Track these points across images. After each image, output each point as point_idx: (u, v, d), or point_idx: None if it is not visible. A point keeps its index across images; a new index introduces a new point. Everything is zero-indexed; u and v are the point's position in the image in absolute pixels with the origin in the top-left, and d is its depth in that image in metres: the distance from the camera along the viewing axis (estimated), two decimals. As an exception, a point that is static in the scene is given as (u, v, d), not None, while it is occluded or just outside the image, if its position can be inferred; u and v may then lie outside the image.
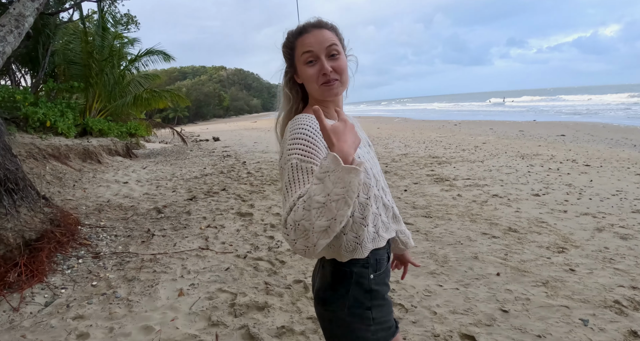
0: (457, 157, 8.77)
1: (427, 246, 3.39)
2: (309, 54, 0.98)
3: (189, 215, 4.64)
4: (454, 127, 18.87)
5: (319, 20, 1.02)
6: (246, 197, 5.47)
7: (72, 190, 6.23)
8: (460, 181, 6.14)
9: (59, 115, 10.01)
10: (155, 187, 6.54)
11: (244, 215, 4.52)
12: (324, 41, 0.98)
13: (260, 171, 7.80)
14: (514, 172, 6.76)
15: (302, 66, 1.00)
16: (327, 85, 0.98)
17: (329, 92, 0.99)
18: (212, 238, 3.77)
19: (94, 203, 5.45)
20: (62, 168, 7.75)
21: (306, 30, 1.00)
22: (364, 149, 1.06)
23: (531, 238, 3.58)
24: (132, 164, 9.62)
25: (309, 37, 0.98)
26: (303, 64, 1.00)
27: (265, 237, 3.75)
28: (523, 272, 2.86)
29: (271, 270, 2.96)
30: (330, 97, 1.01)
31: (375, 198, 0.99)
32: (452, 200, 4.95)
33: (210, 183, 6.69)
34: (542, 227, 3.89)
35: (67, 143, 8.89)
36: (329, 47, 0.98)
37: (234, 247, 3.52)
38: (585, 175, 6.35)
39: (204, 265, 3.13)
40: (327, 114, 1.04)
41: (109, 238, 3.97)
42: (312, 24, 1.01)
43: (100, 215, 4.84)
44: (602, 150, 9.50)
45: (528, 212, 4.38)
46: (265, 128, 26.10)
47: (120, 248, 3.70)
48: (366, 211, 0.88)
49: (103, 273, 3.11)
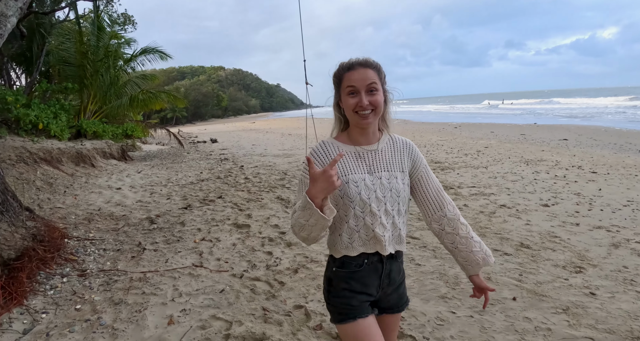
0: (460, 162, 8.58)
1: (435, 264, 3.19)
2: (352, 88, 1.21)
3: (182, 226, 4.42)
4: (455, 129, 18.70)
5: (365, 59, 1.23)
6: (243, 205, 5.25)
7: (63, 197, 6.00)
8: (465, 189, 5.94)
9: (52, 117, 9.76)
10: (150, 193, 6.31)
11: (241, 227, 4.30)
12: (367, 79, 1.19)
13: (258, 176, 7.58)
14: (519, 180, 6.57)
15: (345, 96, 1.23)
16: (360, 115, 1.22)
17: (362, 120, 1.23)
18: (207, 254, 3.55)
19: (84, 211, 5.22)
20: (53, 173, 7.51)
21: (353, 67, 1.22)
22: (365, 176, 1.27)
23: (545, 255, 3.38)
24: (127, 168, 9.38)
25: (354, 74, 1.20)
26: (346, 95, 1.22)
27: (263, 252, 3.54)
28: (541, 296, 2.66)
29: (269, 293, 2.74)
30: (362, 125, 1.25)
31: (356, 218, 1.24)
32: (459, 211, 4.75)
33: (206, 189, 6.47)
34: (555, 242, 3.69)
35: (60, 147, 8.65)
36: (369, 84, 1.20)
37: (230, 264, 3.31)
38: (593, 184, 6.16)
39: (197, 286, 2.91)
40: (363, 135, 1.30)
41: (97, 253, 3.75)
42: (359, 62, 1.22)
43: (90, 226, 4.61)
44: (607, 155, 9.33)
45: (539, 225, 4.18)
46: (264, 130, 25.88)
47: (109, 264, 3.48)
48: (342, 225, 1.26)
49: (88, 295, 2.89)
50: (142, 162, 11.11)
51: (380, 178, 1.26)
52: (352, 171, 1.25)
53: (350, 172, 1.25)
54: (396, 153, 1.32)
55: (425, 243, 3.67)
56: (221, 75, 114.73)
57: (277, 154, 11.50)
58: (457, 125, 21.04)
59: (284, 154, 11.40)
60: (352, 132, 1.30)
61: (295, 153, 11.42)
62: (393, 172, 1.28)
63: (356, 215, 1.23)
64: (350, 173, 1.25)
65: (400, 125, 23.80)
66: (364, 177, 1.25)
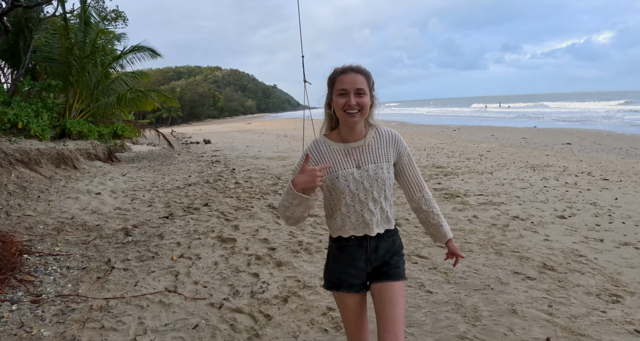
0: (463, 167, 8.16)
1: (449, 291, 2.73)
2: (343, 90, 1.37)
3: (160, 239, 3.94)
4: (454, 132, 18.32)
5: (357, 66, 1.40)
6: (230, 215, 4.78)
7: (35, 203, 5.49)
8: (472, 197, 5.50)
9: (33, 116, 9.23)
10: (130, 199, 5.82)
11: (226, 241, 3.82)
12: (356, 83, 1.36)
13: (249, 181, 7.11)
14: (529, 187, 6.14)
15: (336, 97, 1.38)
16: (348, 113, 1.37)
17: (349, 119, 1.37)
18: (183, 275, 3.08)
19: (55, 220, 4.73)
20: (30, 175, 6.99)
21: (346, 71, 1.39)
22: (353, 170, 1.42)
23: (574, 279, 2.94)
24: (112, 170, 8.87)
25: (346, 78, 1.37)
26: (337, 95, 1.38)
27: (248, 274, 3.07)
28: (579, 336, 2.21)
29: (252, 331, 2.27)
30: (349, 123, 1.39)
31: (347, 206, 1.42)
32: (469, 223, 4.31)
33: (192, 195, 5.99)
34: (581, 262, 3.26)
35: (40, 147, 8.12)
36: (358, 88, 1.36)
37: (209, 289, 2.83)
38: (607, 192, 5.75)
39: (167, 319, 2.43)
40: (350, 133, 1.43)
41: (59, 272, 3.26)
42: (352, 68, 1.39)
43: (58, 237, 4.12)
44: (614, 161, 8.95)
45: (560, 241, 3.74)
46: (259, 131, 25.38)
47: (70, 287, 3.00)
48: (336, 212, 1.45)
49: (37, 328, 2.41)
50: (129, 163, 10.59)
51: (367, 171, 1.41)
52: (342, 167, 1.41)
53: (340, 167, 1.41)
54: (382, 146, 1.45)
55: (435, 263, 3.21)
56: (218, 75, 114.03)
57: (271, 156, 11.03)
58: (456, 128, 20.67)
59: (278, 157, 10.93)
60: (341, 130, 1.44)
61: (290, 156, 10.95)
62: (379, 163, 1.43)
63: (347, 204, 1.41)
64: (340, 169, 1.41)
65: (397, 127, 23.39)
66: (352, 170, 1.41)
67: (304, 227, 4.20)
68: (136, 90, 11.59)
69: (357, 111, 1.35)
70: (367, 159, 1.42)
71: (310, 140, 1.50)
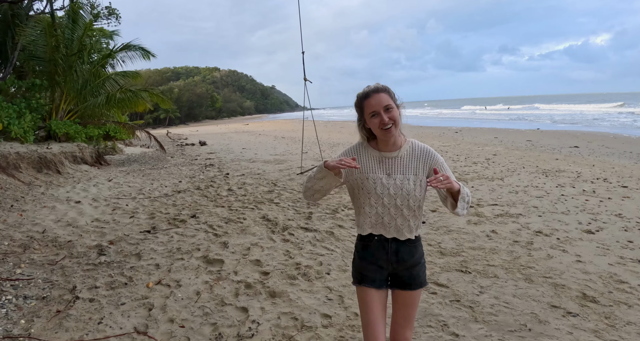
0: (471, 172, 7.70)
1: (479, 334, 2.25)
2: (373, 112, 1.52)
3: (138, 260, 3.45)
4: (456, 134, 17.88)
5: (376, 86, 1.55)
6: (220, 229, 4.29)
7: (7, 213, 4.99)
8: (486, 208, 5.03)
9: (15, 117, 8.71)
10: (112, 209, 5.32)
11: (212, 263, 3.33)
12: (382, 102, 1.51)
13: (243, 187, 6.62)
14: (545, 195, 5.68)
15: (369, 119, 1.54)
16: (384, 131, 1.52)
17: (387, 134, 1.53)
18: (158, 309, 2.58)
19: (24, 234, 4.23)
20: (6, 182, 6.48)
21: (369, 95, 1.54)
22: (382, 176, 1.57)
23: (621, 315, 2.47)
24: (98, 175, 8.36)
25: (371, 100, 1.52)
26: (370, 118, 1.54)
27: (235, 308, 2.58)
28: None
29: (236, 396, 1.78)
30: (387, 138, 1.55)
31: (371, 206, 1.57)
32: (488, 240, 3.83)
33: (180, 204, 5.49)
34: (625, 291, 2.79)
35: (20, 151, 7.60)
36: (386, 106, 1.51)
37: (186, 330, 2.34)
38: (630, 201, 5.31)
39: (130, 375, 1.94)
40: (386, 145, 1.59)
41: (14, 303, 2.77)
42: (372, 89, 1.54)
43: (22, 257, 3.62)
44: (628, 166, 8.51)
45: (594, 263, 3.27)
46: (257, 132, 24.87)
47: (23, 324, 2.50)
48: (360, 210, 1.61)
49: (-34, 386, 1.92)
50: (118, 167, 10.08)
51: (395, 180, 1.56)
52: (373, 171, 1.58)
53: (371, 171, 1.58)
54: (413, 159, 1.58)
55: (457, 294, 2.73)
56: (216, 76, 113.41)
57: (268, 160, 10.54)
58: (458, 130, 20.23)
59: (275, 160, 10.44)
60: (378, 142, 1.61)
61: (287, 159, 10.46)
62: (407, 175, 1.57)
63: (371, 205, 1.57)
64: (371, 172, 1.58)
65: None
66: (381, 177, 1.57)
67: (302, 246, 3.71)
68: (126, 90, 11.08)
69: (391, 125, 1.50)
70: (397, 169, 1.56)
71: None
